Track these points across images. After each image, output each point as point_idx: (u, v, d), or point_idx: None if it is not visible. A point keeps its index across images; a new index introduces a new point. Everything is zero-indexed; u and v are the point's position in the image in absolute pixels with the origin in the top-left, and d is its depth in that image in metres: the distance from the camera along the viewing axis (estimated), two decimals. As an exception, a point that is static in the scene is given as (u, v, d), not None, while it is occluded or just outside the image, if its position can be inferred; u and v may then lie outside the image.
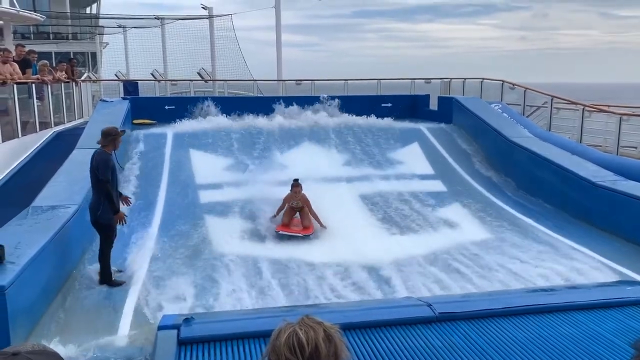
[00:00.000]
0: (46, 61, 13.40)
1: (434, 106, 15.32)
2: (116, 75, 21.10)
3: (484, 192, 10.39)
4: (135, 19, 22.57)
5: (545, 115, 14.14)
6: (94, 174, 6.35)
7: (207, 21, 22.34)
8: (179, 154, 11.07)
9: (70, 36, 25.14)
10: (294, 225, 8.50)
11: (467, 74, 19.85)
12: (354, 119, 13.49)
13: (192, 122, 13.17)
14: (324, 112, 13.92)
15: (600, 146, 12.22)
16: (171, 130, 12.25)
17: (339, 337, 1.45)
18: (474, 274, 6.90)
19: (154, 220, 8.55)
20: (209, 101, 14.31)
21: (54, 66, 14.34)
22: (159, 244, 7.72)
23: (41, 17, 17.68)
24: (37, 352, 1.24)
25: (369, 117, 13.69)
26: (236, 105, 14.31)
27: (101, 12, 26.92)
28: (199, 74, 20.30)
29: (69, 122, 13.97)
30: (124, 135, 6.85)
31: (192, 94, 17.32)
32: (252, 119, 13.13)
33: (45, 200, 6.97)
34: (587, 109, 12.69)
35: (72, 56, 20.26)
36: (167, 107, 14.25)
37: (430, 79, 18.24)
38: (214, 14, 22.29)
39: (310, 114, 13.71)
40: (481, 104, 13.56)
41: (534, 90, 15.02)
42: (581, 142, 12.28)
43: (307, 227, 8.37)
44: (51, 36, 24.48)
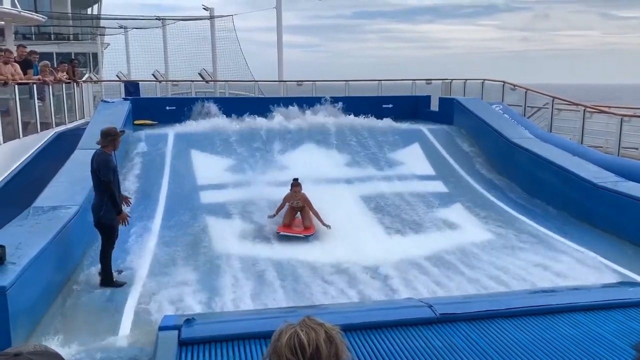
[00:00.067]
0: (47, 62, 13.41)
1: (434, 107, 15.34)
2: (117, 75, 21.10)
3: (485, 193, 10.39)
4: (136, 20, 22.58)
5: (546, 116, 14.13)
6: (95, 176, 6.36)
7: (208, 22, 22.36)
8: (180, 154, 11.09)
9: (71, 37, 25.18)
10: (295, 225, 8.50)
11: (468, 75, 19.87)
12: (355, 120, 13.48)
13: (193, 122, 13.20)
14: (325, 113, 13.92)
15: (601, 147, 12.21)
16: (172, 130, 12.27)
17: (340, 338, 1.46)
18: (474, 275, 6.89)
19: (155, 220, 8.56)
20: (210, 102, 14.31)
21: (55, 67, 14.36)
22: (160, 244, 7.73)
23: (42, 17, 17.67)
24: (39, 352, 1.23)
25: (370, 118, 13.70)
26: (237, 106, 14.30)
27: (102, 12, 26.98)
28: (200, 74, 20.30)
29: (70, 122, 13.98)
30: (123, 135, 6.86)
31: (193, 95, 17.32)
32: (253, 120, 13.14)
33: (46, 200, 6.98)
34: (588, 110, 12.69)
35: (73, 57, 20.27)
36: (168, 107, 14.27)
37: (431, 79, 18.24)
38: (215, 14, 22.31)
39: (311, 114, 13.72)
40: (482, 105, 13.56)
41: (535, 91, 15.02)
42: (582, 143, 12.28)
43: (309, 228, 8.37)
44: (52, 37, 24.51)
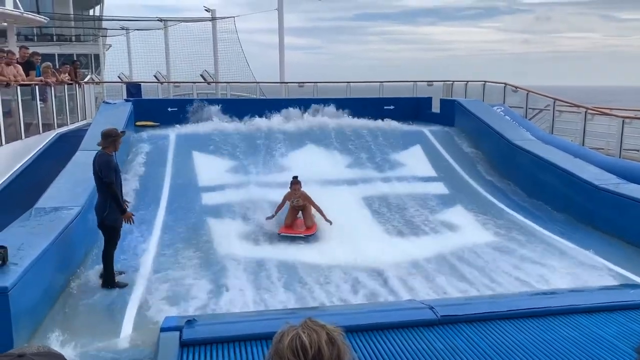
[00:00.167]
0: (49, 63, 13.46)
1: (436, 109, 15.35)
2: (119, 77, 21.14)
3: (487, 194, 10.37)
4: (138, 21, 22.65)
5: (547, 118, 14.12)
6: (97, 177, 6.38)
7: (210, 23, 22.40)
8: (182, 155, 11.10)
9: (73, 38, 25.25)
10: (297, 226, 8.51)
11: (470, 77, 19.86)
12: (357, 122, 13.49)
13: (194, 124, 13.21)
14: (326, 114, 13.93)
15: (602, 149, 12.20)
16: (174, 132, 12.29)
17: (342, 340, 1.45)
18: (476, 276, 6.88)
19: (157, 222, 8.56)
20: (212, 103, 14.34)
21: (58, 68, 14.41)
22: (162, 246, 7.74)
23: (45, 19, 17.72)
24: (42, 354, 1.23)
25: (371, 119, 13.70)
26: (239, 107, 14.31)
27: (104, 14, 27.07)
28: (202, 76, 20.34)
29: (72, 123, 14.01)
30: (124, 136, 6.88)
31: (195, 96, 17.34)
32: (254, 121, 13.14)
33: (48, 201, 6.99)
34: (589, 112, 12.68)
35: (75, 58, 20.35)
36: (169, 109, 14.27)
37: (432, 81, 18.25)
38: (217, 16, 22.35)
39: (312, 116, 13.73)
40: (483, 107, 13.56)
41: (536, 93, 15.01)
42: (584, 145, 12.27)
43: (310, 227, 8.38)
44: (54, 38, 24.58)
